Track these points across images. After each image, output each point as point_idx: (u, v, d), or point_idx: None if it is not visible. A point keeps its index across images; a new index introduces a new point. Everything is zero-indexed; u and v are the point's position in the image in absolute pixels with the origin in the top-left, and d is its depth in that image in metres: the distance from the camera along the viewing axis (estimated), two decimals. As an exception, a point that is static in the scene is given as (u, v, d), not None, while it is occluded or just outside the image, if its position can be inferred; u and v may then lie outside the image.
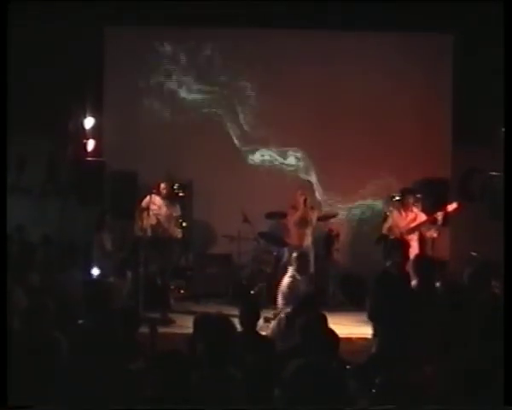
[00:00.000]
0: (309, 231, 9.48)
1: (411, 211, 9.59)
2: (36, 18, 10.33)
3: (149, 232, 9.10)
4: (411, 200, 9.62)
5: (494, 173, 9.31)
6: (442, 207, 9.41)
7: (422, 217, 9.50)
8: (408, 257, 7.28)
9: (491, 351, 4.63)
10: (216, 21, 10.83)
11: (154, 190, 9.29)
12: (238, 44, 11.43)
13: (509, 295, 4.99)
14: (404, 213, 9.61)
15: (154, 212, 9.12)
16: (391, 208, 10.14)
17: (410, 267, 8.82)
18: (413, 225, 9.46)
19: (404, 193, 9.77)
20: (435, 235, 9.54)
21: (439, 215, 9.31)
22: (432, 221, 9.42)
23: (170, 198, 9.52)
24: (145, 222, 9.06)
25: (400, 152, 11.30)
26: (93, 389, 4.28)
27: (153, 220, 9.09)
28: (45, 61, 10.66)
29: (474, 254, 9.34)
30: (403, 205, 9.67)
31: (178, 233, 9.49)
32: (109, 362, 4.56)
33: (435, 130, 11.44)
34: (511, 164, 5.71)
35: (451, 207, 9.33)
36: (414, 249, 9.45)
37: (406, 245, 7.56)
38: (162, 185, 9.39)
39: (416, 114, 11.37)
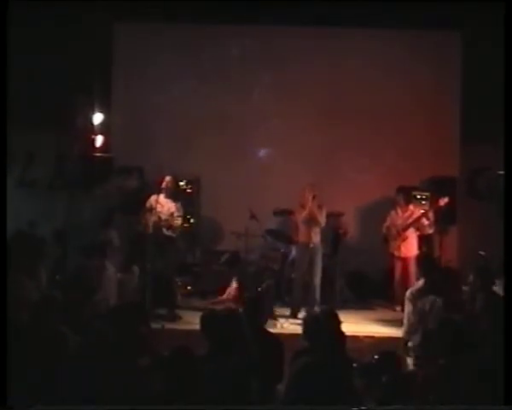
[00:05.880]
0: (317, 229, 9.47)
1: (407, 209, 9.75)
2: (47, 15, 10.38)
3: (155, 230, 9.13)
4: (405, 198, 9.77)
5: (502, 172, 9.29)
6: (435, 202, 9.55)
7: (418, 213, 9.64)
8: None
9: (492, 351, 4.63)
10: (224, 19, 10.86)
11: (162, 186, 9.34)
12: (246, 42, 11.44)
13: (509, 295, 4.98)
14: (400, 212, 9.78)
15: (158, 209, 9.17)
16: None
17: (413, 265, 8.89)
18: (409, 221, 9.57)
19: (399, 191, 9.90)
20: (430, 231, 9.71)
21: (431, 210, 9.50)
22: (426, 217, 9.58)
23: (174, 195, 9.55)
24: (150, 219, 9.09)
25: (408, 150, 11.29)
26: (94, 387, 4.28)
27: (157, 217, 9.13)
28: (54, 59, 10.69)
29: (481, 252, 9.35)
30: (398, 203, 9.82)
31: (183, 230, 9.53)
32: (114, 359, 4.56)
33: (443, 128, 11.42)
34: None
35: (443, 201, 9.45)
36: (413, 247, 9.59)
37: None
38: (167, 178, 9.41)
39: (424, 113, 11.35)
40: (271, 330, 6.59)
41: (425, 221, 9.64)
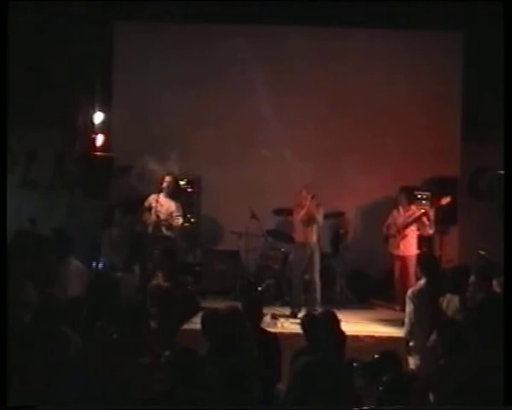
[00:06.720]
0: (314, 229, 9.45)
1: (409, 208, 9.76)
2: (47, 15, 10.39)
3: (155, 229, 9.13)
4: (407, 198, 9.78)
5: (503, 172, 9.30)
6: (436, 201, 9.57)
7: (419, 212, 9.66)
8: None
9: (491, 352, 4.62)
10: (226, 18, 10.87)
11: (163, 185, 9.34)
12: (248, 41, 11.41)
13: (509, 295, 4.97)
14: (402, 211, 9.79)
15: (158, 209, 9.16)
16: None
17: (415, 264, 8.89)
18: (409, 220, 9.61)
19: (400, 191, 9.92)
20: (431, 232, 9.70)
21: (433, 210, 9.50)
22: (427, 216, 9.59)
23: (174, 194, 9.55)
24: (148, 218, 9.09)
25: (409, 150, 11.29)
26: (94, 387, 4.28)
27: (156, 217, 9.12)
28: (56, 58, 10.70)
29: (482, 252, 9.34)
30: (400, 203, 9.83)
31: (184, 229, 9.54)
32: (114, 358, 4.56)
33: (444, 128, 11.42)
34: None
35: (445, 200, 9.46)
36: (412, 246, 9.59)
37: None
38: (167, 178, 9.41)
39: (425, 113, 11.34)
40: (270, 330, 6.60)
41: (426, 221, 9.64)
